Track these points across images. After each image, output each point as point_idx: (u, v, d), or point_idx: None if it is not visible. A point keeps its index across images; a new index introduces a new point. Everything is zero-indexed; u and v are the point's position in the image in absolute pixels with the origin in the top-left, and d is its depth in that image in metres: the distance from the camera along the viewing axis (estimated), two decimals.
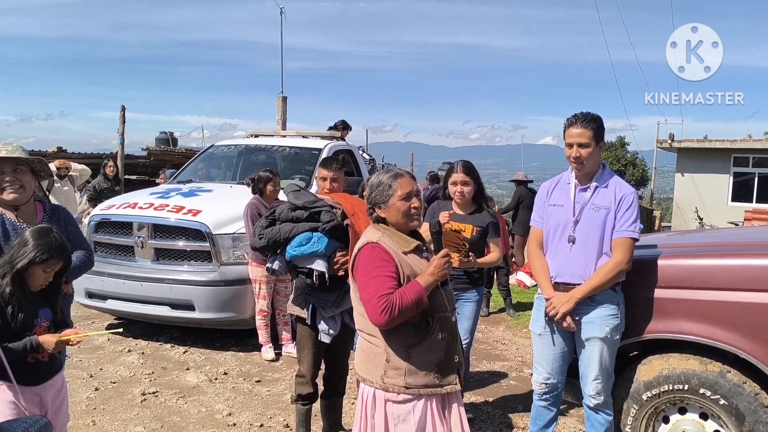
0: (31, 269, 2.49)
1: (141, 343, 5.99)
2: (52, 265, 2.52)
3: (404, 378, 2.48)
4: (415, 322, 2.48)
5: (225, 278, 5.72)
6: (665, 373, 3.21)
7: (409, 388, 2.48)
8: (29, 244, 2.49)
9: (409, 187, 2.59)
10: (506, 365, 5.71)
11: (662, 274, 3.28)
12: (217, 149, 8.33)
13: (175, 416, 4.34)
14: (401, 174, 2.65)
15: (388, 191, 2.59)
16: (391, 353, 2.50)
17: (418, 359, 2.49)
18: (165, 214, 5.92)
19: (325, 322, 3.61)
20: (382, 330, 2.50)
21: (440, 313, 2.55)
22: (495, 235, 4.12)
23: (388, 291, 2.41)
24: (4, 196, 2.89)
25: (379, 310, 2.39)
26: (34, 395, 2.59)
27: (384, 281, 2.43)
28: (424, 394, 2.50)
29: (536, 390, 3.46)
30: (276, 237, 3.56)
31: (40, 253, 2.47)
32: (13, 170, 2.89)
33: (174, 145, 18.21)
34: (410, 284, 2.46)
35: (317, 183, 4.12)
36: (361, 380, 2.61)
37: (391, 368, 2.49)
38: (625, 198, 3.23)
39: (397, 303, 2.38)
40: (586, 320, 3.23)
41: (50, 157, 10.85)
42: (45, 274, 2.53)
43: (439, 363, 2.52)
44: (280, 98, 12.68)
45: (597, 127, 3.24)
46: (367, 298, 2.45)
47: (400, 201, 2.57)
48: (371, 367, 2.55)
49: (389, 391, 2.49)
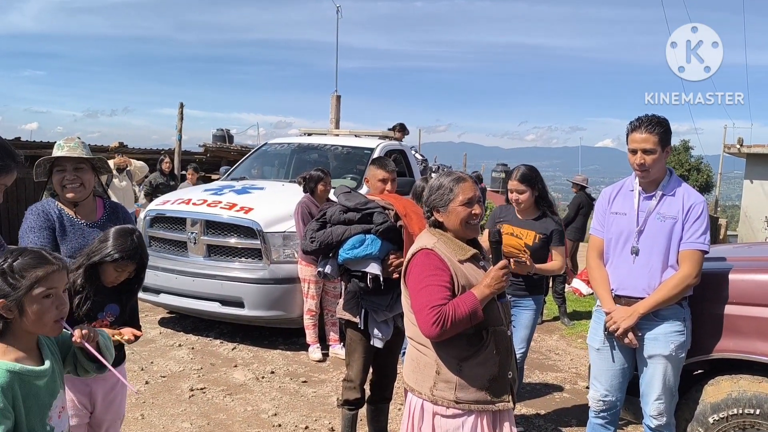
0: (104, 266, 2.51)
1: (191, 338, 6.06)
2: (123, 266, 2.51)
3: (455, 392, 2.37)
4: (468, 335, 2.37)
5: (275, 276, 5.72)
6: (735, 396, 2.99)
7: (459, 402, 2.37)
8: (108, 241, 2.51)
9: (471, 192, 2.48)
10: (560, 377, 5.50)
11: (734, 289, 3.06)
12: (270, 147, 8.38)
13: (222, 414, 4.35)
14: (464, 178, 2.53)
15: (449, 195, 2.48)
16: (441, 365, 2.39)
17: (470, 373, 2.38)
18: (218, 211, 5.97)
19: (377, 327, 3.52)
20: (433, 341, 2.39)
21: (495, 327, 2.42)
22: (559, 243, 3.95)
23: (441, 302, 2.30)
24: (65, 193, 2.93)
25: (430, 321, 2.29)
26: (84, 386, 2.60)
27: (437, 290, 2.33)
28: (474, 410, 2.38)
29: (593, 407, 3.29)
30: (328, 240, 3.48)
31: (114, 251, 2.47)
32: (75, 168, 2.92)
33: (230, 141, 18.53)
34: (465, 295, 2.35)
35: (370, 183, 4.04)
36: (409, 390, 2.51)
37: (441, 381, 2.39)
38: (694, 207, 3.02)
39: (450, 315, 2.28)
40: (649, 336, 3.04)
41: (112, 152, 11.15)
42: (116, 273, 2.53)
43: (492, 378, 2.40)
44: (334, 97, 12.70)
45: (663, 131, 3.03)
46: (419, 307, 2.35)
47: (461, 206, 2.46)
48: (420, 377, 2.45)
49: (438, 404, 2.39)
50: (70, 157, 2.91)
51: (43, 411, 1.83)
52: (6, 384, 1.71)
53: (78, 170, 2.92)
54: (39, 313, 1.79)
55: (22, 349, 1.81)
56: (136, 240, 2.54)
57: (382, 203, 3.50)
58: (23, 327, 1.80)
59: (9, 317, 1.77)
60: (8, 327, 1.79)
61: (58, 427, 1.90)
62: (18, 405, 1.74)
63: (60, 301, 1.84)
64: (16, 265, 1.77)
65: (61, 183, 2.90)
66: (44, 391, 1.84)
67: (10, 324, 1.79)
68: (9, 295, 1.75)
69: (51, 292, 1.80)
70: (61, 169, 2.91)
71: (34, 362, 1.84)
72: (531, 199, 3.95)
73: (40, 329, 1.84)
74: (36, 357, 1.86)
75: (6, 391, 1.71)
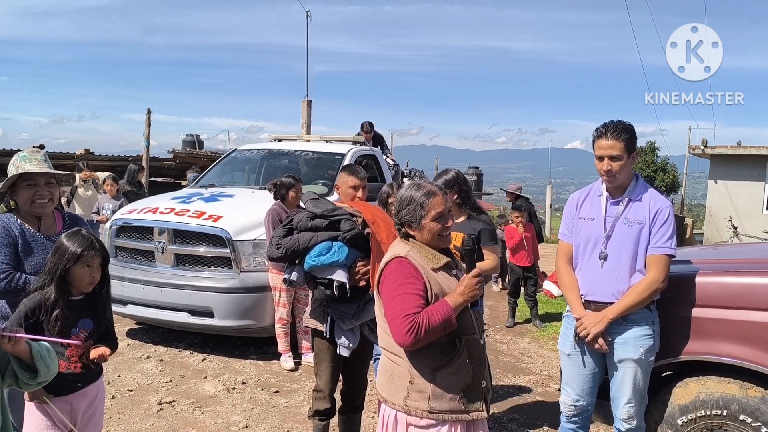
0: (73, 270, 2.50)
1: (160, 350, 5.94)
2: (90, 259, 2.52)
3: (428, 402, 2.36)
4: (441, 344, 2.36)
5: (245, 285, 5.64)
6: (702, 398, 3.03)
7: (432, 412, 2.36)
8: (63, 245, 2.52)
9: (442, 206, 2.46)
10: (532, 379, 5.53)
11: (701, 292, 3.10)
12: (240, 153, 8.29)
13: (191, 427, 4.26)
14: (434, 192, 2.48)
15: (420, 211, 2.44)
16: (415, 375, 2.38)
17: (444, 383, 2.37)
18: (186, 220, 5.87)
19: (344, 335, 3.49)
20: (406, 350, 2.37)
21: (469, 335, 2.42)
22: (489, 242, 3.95)
23: (414, 310, 2.29)
24: (34, 208, 2.86)
25: (404, 330, 2.27)
26: (65, 404, 2.59)
27: (411, 299, 2.32)
28: (448, 420, 2.37)
29: (564, 411, 3.29)
30: (295, 247, 3.44)
31: (73, 248, 2.49)
32: (46, 183, 2.89)
33: (200, 147, 18.31)
34: (438, 304, 2.34)
35: (340, 190, 4.01)
36: (382, 401, 2.49)
37: (415, 391, 2.38)
38: (661, 212, 3.05)
39: (424, 323, 2.26)
40: (619, 341, 3.06)
41: (77, 159, 10.93)
42: (88, 270, 2.53)
43: (466, 388, 2.39)
44: (304, 102, 12.63)
45: (629, 137, 3.06)
46: (393, 316, 2.34)
47: (433, 222, 2.44)
48: (394, 388, 2.43)
49: (412, 415, 2.38)
50: (44, 172, 2.85)
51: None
52: None
53: (49, 185, 2.88)
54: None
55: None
56: (87, 233, 2.57)
57: (350, 210, 3.47)
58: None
59: None
60: None
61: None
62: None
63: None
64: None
65: (31, 198, 2.85)
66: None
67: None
68: None
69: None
70: (32, 183, 2.85)
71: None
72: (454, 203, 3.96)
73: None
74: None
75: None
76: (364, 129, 9.39)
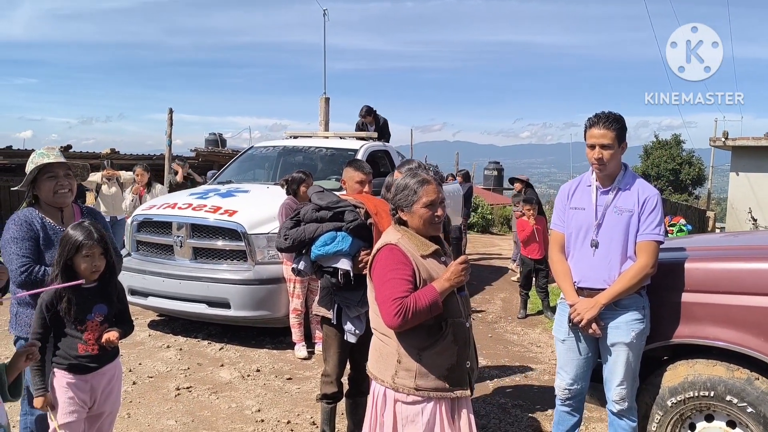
0: (75, 260, 2.68)
1: (180, 340, 6.18)
2: (89, 249, 2.68)
3: (414, 380, 2.50)
4: (428, 325, 2.49)
5: (260, 277, 5.84)
6: (690, 379, 3.12)
7: (418, 390, 2.51)
8: (65, 236, 2.71)
9: (434, 194, 2.59)
10: (539, 368, 5.63)
11: (689, 278, 3.19)
12: (256, 150, 8.50)
13: (206, 411, 4.47)
14: (428, 180, 2.63)
15: (413, 197, 2.59)
16: (403, 354, 2.52)
17: (429, 362, 2.50)
18: (203, 215, 6.09)
19: (350, 321, 3.64)
20: (395, 331, 2.52)
21: (454, 318, 2.55)
22: None
23: (403, 294, 2.43)
24: (57, 198, 3.04)
25: (392, 312, 2.42)
26: (84, 383, 2.77)
27: (399, 284, 2.46)
28: (433, 397, 2.52)
29: (559, 395, 3.41)
30: (301, 237, 3.61)
31: (75, 238, 2.66)
32: (65, 174, 3.06)
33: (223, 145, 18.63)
34: (426, 288, 2.48)
35: (347, 185, 4.15)
36: (372, 378, 2.65)
37: (402, 369, 2.52)
38: (649, 200, 3.15)
39: (411, 306, 2.41)
40: (611, 325, 3.16)
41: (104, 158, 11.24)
42: (89, 259, 2.69)
43: (450, 368, 2.53)
44: (322, 99, 12.79)
45: (620, 127, 3.16)
46: (382, 299, 2.49)
47: (424, 208, 2.58)
48: (383, 366, 2.59)
49: (399, 392, 2.53)
50: (62, 163, 3.04)
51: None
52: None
53: (67, 176, 3.06)
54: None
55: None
56: (89, 225, 2.72)
57: (353, 202, 3.63)
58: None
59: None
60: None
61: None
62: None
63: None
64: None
65: (54, 189, 3.02)
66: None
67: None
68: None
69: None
70: (52, 175, 3.02)
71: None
72: None
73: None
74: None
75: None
76: (361, 113, 9.42)
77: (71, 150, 12.98)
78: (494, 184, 27.45)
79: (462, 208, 10.89)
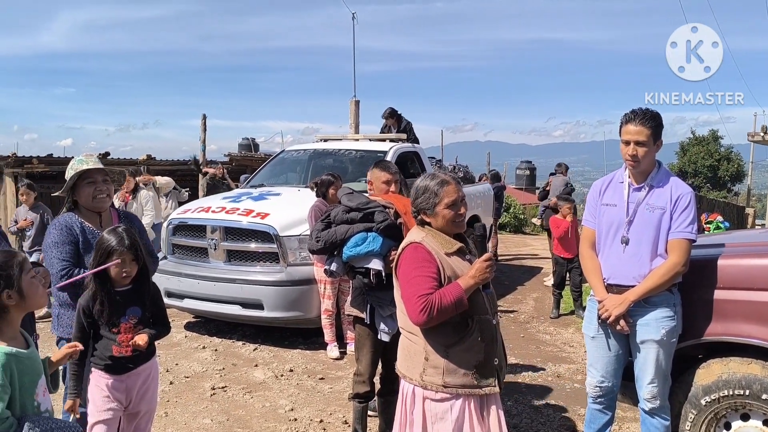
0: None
1: (215, 341, 6.30)
2: (120, 255, 2.74)
3: (442, 377, 2.52)
4: (454, 322, 2.52)
5: (292, 278, 5.92)
6: (725, 378, 3.08)
7: (447, 387, 2.52)
8: (100, 241, 2.79)
9: (455, 194, 2.62)
10: (572, 368, 5.59)
11: (723, 275, 3.15)
12: (287, 154, 8.62)
13: (241, 410, 4.56)
14: (447, 181, 2.66)
15: (434, 199, 2.62)
16: (430, 351, 2.54)
17: (457, 359, 2.52)
18: (236, 218, 6.21)
19: (383, 321, 3.68)
20: (422, 328, 2.55)
21: (480, 315, 2.57)
22: None
23: (428, 291, 2.46)
24: (96, 203, 3.15)
25: (418, 309, 2.45)
26: (119, 383, 2.85)
27: (425, 281, 2.49)
28: (462, 394, 2.53)
29: (590, 393, 3.39)
30: (332, 239, 3.66)
31: (108, 244, 2.73)
32: (103, 180, 3.16)
33: (255, 150, 18.86)
34: (450, 286, 2.50)
35: (374, 185, 4.19)
36: (401, 376, 2.67)
37: (430, 366, 2.54)
38: (682, 198, 3.12)
39: (437, 303, 2.43)
40: (641, 323, 3.14)
41: (140, 164, 11.52)
42: (120, 266, 2.75)
43: (478, 364, 2.54)
44: (352, 102, 12.88)
45: (656, 125, 3.14)
46: (408, 297, 2.52)
47: (447, 209, 2.61)
48: (411, 364, 2.60)
49: (428, 389, 2.54)
50: (100, 169, 3.15)
51: (32, 388, 2.10)
52: (5, 364, 2.00)
53: (105, 182, 3.17)
54: (34, 290, 2.13)
55: (12, 336, 2.11)
56: (122, 231, 2.79)
57: (382, 202, 3.67)
58: (19, 310, 2.11)
59: (10, 304, 2.07)
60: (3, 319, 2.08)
61: (44, 404, 2.16)
62: (14, 383, 2.02)
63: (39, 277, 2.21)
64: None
65: (92, 194, 3.13)
66: (31, 371, 2.12)
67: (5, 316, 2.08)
68: (10, 284, 2.06)
69: (32, 272, 2.14)
70: (91, 181, 3.13)
71: (22, 347, 2.12)
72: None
73: (36, 303, 2.18)
74: (22, 342, 2.14)
75: (5, 371, 1.99)
76: (384, 115, 9.58)
77: (109, 157, 13.31)
78: (526, 184, 27.25)
79: (492, 207, 10.84)
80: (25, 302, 2.11)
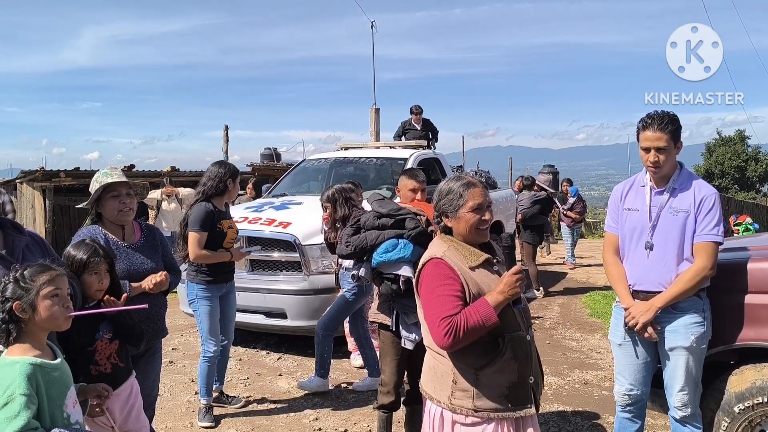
0: (82, 278, 2.69)
1: (239, 350, 6.32)
2: (96, 266, 2.69)
3: (473, 401, 2.33)
4: (483, 342, 2.32)
5: (314, 287, 5.92)
6: (759, 384, 3.00)
7: (477, 411, 2.33)
8: (68, 255, 2.71)
9: (480, 198, 2.44)
10: (599, 375, 5.50)
11: (754, 278, 3.07)
12: (308, 163, 8.65)
13: (265, 419, 4.56)
14: (474, 183, 2.49)
15: (458, 201, 2.45)
16: (458, 375, 2.36)
17: (488, 382, 2.33)
18: (258, 227, 6.23)
19: (407, 328, 3.65)
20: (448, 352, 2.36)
21: (512, 333, 2.36)
22: None
23: (452, 311, 2.27)
24: (120, 216, 3.17)
25: (442, 332, 2.26)
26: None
27: (448, 300, 2.30)
28: (494, 418, 2.33)
29: (619, 401, 3.32)
30: (363, 244, 3.64)
31: (81, 255, 2.68)
32: (127, 193, 3.19)
33: (277, 160, 18.97)
34: (477, 303, 2.29)
35: (401, 193, 4.19)
36: (428, 397, 2.48)
37: (459, 390, 2.36)
38: (706, 199, 3.05)
39: (462, 324, 2.24)
40: (669, 329, 3.07)
41: (165, 176, 11.66)
42: (96, 277, 2.70)
43: (511, 386, 2.34)
44: (372, 110, 12.91)
45: (675, 128, 3.06)
46: (431, 319, 2.33)
47: (470, 213, 2.43)
48: (438, 386, 2.43)
49: (457, 413, 2.35)
50: (124, 182, 3.18)
51: (60, 400, 2.09)
52: (31, 375, 1.99)
53: (129, 195, 3.20)
54: (49, 310, 2.08)
55: (38, 348, 2.10)
56: (91, 242, 2.76)
57: (414, 210, 3.64)
58: (37, 325, 2.08)
59: (23, 317, 2.06)
60: (23, 330, 2.07)
61: (74, 416, 2.14)
62: (41, 393, 2.01)
63: (65, 300, 2.14)
64: (27, 273, 2.08)
65: (117, 208, 3.15)
66: (60, 382, 2.10)
67: (25, 327, 2.07)
68: (23, 297, 2.05)
69: (57, 292, 2.10)
70: (116, 194, 3.15)
71: (49, 358, 2.11)
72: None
73: (52, 324, 2.13)
74: (50, 354, 2.14)
75: (31, 381, 1.98)
76: (412, 111, 10.17)
77: (134, 169, 13.49)
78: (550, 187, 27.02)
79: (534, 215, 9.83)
80: (40, 320, 2.08)
